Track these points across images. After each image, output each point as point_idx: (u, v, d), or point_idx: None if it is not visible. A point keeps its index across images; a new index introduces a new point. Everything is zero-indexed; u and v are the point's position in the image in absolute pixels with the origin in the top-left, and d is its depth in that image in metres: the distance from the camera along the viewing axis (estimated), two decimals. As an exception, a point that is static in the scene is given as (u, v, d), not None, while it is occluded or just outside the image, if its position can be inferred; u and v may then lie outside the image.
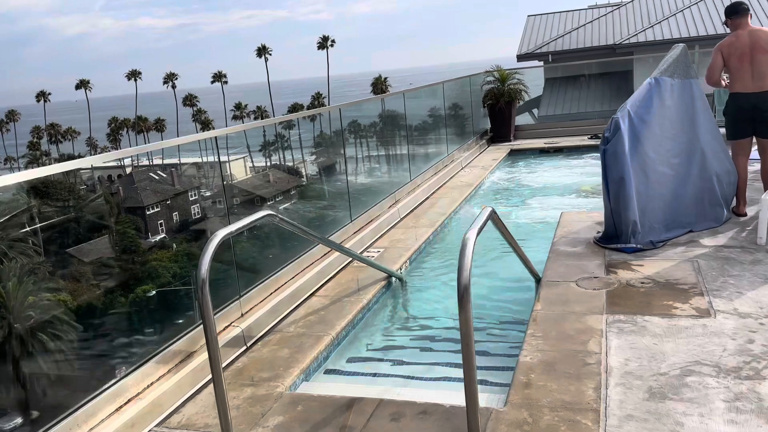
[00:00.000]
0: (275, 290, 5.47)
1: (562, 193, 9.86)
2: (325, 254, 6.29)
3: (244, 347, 4.64)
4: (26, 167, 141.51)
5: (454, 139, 12.80)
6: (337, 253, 6.17)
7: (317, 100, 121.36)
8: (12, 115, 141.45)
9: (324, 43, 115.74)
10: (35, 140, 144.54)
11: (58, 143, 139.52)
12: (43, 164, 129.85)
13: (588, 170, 11.15)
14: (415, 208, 8.96)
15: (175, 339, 4.30)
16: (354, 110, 9.36)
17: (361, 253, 6.70)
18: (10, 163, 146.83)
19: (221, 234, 3.35)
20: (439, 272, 6.64)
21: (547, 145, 13.87)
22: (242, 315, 4.95)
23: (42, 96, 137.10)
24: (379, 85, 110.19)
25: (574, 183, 10.44)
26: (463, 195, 9.70)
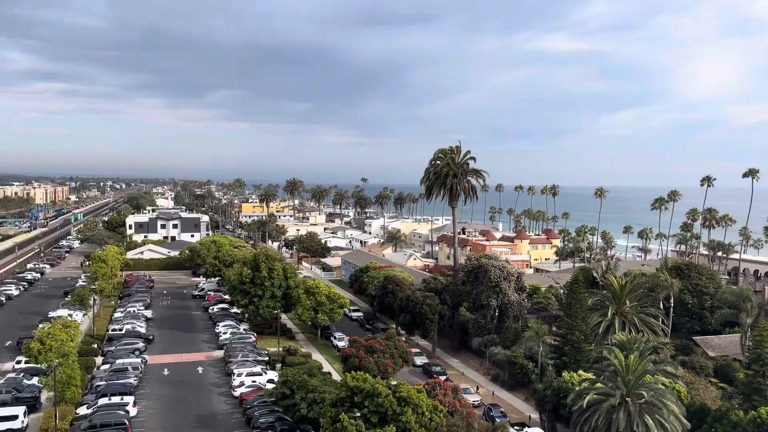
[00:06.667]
0: None
1: None
2: None
3: None
4: (676, 246, 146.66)
5: None
6: None
7: None
8: (673, 195, 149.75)
9: None
10: (689, 221, 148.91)
11: (710, 228, 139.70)
12: (690, 246, 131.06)
13: None
14: None
15: None
16: None
17: None
18: (660, 239, 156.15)
19: None
20: None
21: None
22: None
23: (706, 180, 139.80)
24: None
25: None
26: None
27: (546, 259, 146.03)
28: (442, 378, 58.30)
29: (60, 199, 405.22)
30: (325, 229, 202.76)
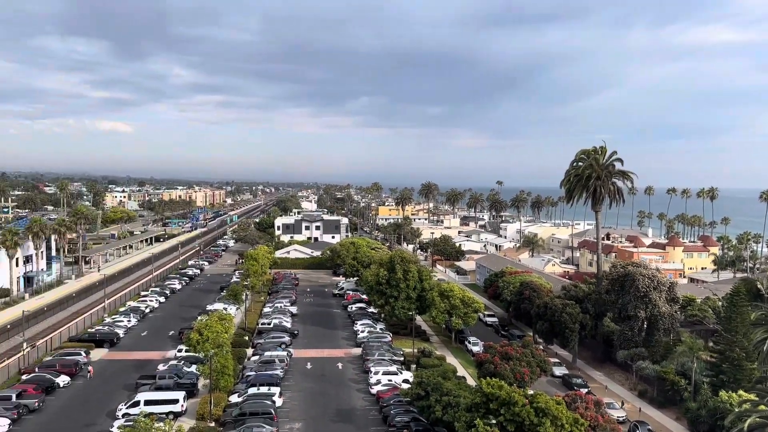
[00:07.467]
0: None
1: None
2: None
3: None
4: None
5: None
6: None
7: None
8: None
9: None
10: None
11: None
12: None
13: None
14: None
15: None
16: None
17: None
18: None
19: None
20: None
21: None
22: None
23: None
24: None
25: None
26: None
27: (702, 269, 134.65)
28: (584, 390, 55.80)
29: (217, 201, 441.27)
30: (459, 232, 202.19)
